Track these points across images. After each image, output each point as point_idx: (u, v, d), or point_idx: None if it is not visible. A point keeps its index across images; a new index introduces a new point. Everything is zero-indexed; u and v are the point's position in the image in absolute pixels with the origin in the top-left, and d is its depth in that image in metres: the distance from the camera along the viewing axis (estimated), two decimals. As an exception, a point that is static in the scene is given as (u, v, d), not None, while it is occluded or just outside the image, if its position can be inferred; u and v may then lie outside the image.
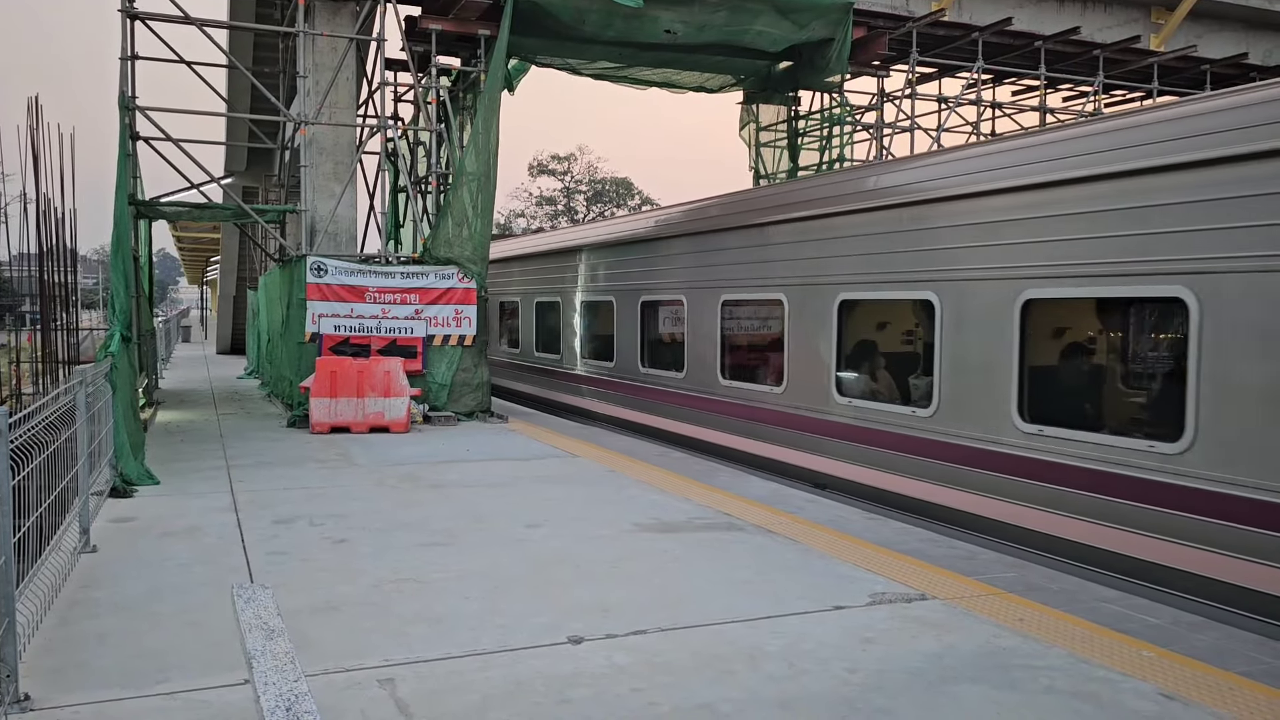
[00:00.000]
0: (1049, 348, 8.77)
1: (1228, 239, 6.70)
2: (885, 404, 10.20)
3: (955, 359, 9.14)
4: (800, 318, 11.48)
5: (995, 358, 8.67)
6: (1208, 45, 21.81)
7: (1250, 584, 6.47)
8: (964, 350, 9.05)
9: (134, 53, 14.68)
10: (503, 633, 5.41)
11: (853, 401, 10.61)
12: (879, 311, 10.90)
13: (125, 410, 10.06)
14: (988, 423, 8.73)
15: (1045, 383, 8.54)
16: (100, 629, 5.46)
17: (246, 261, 33.67)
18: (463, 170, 15.27)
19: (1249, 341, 6.62)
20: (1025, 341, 8.51)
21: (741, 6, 16.84)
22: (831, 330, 10.90)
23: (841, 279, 10.85)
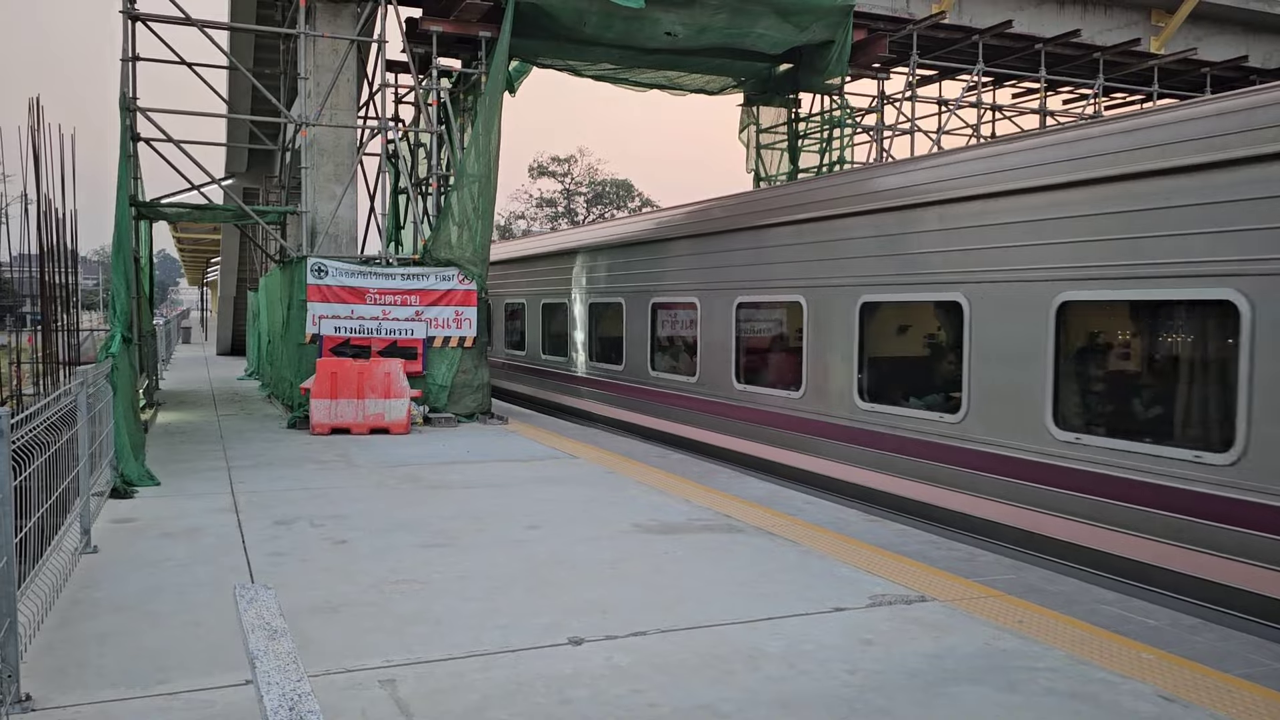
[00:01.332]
0: None
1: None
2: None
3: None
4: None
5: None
6: (1208, 48, 21.83)
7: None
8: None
9: (135, 54, 14.70)
10: (503, 633, 5.43)
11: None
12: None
13: (126, 411, 10.07)
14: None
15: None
16: (101, 629, 5.47)
17: (247, 263, 33.68)
18: (463, 172, 15.28)
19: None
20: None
21: (742, 9, 16.86)
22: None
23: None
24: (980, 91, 21.43)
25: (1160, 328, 7.90)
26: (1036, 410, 8.34)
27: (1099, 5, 20.89)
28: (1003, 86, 22.85)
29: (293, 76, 17.38)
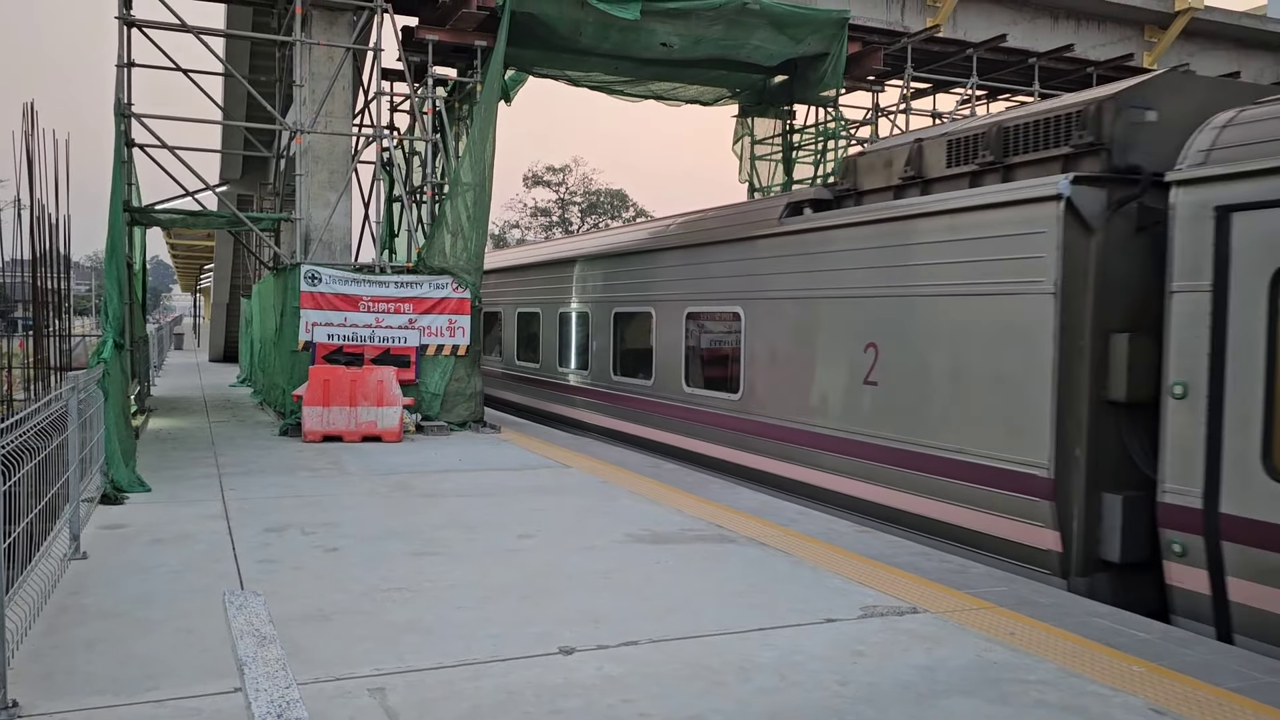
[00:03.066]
0: None
1: None
2: None
3: None
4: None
5: None
6: (1200, 64, 21.97)
7: None
8: None
9: (130, 60, 14.70)
10: (494, 642, 5.41)
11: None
12: None
13: (117, 417, 10.04)
14: None
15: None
16: (90, 635, 5.44)
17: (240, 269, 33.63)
18: (458, 180, 15.29)
19: None
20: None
21: (738, 21, 16.92)
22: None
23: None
24: (974, 105, 21.51)
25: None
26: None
27: (1093, 20, 21.02)
28: (997, 100, 22.95)
29: (288, 83, 17.38)
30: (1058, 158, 8.52)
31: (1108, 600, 7.22)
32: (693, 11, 16.50)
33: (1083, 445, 7.74)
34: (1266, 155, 6.63)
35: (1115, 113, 8.08)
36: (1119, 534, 7.60)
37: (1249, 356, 6.61)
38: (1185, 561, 6.94)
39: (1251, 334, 6.60)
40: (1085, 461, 7.73)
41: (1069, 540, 7.79)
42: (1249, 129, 7.00)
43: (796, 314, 11.20)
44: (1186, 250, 7.07)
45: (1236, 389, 6.68)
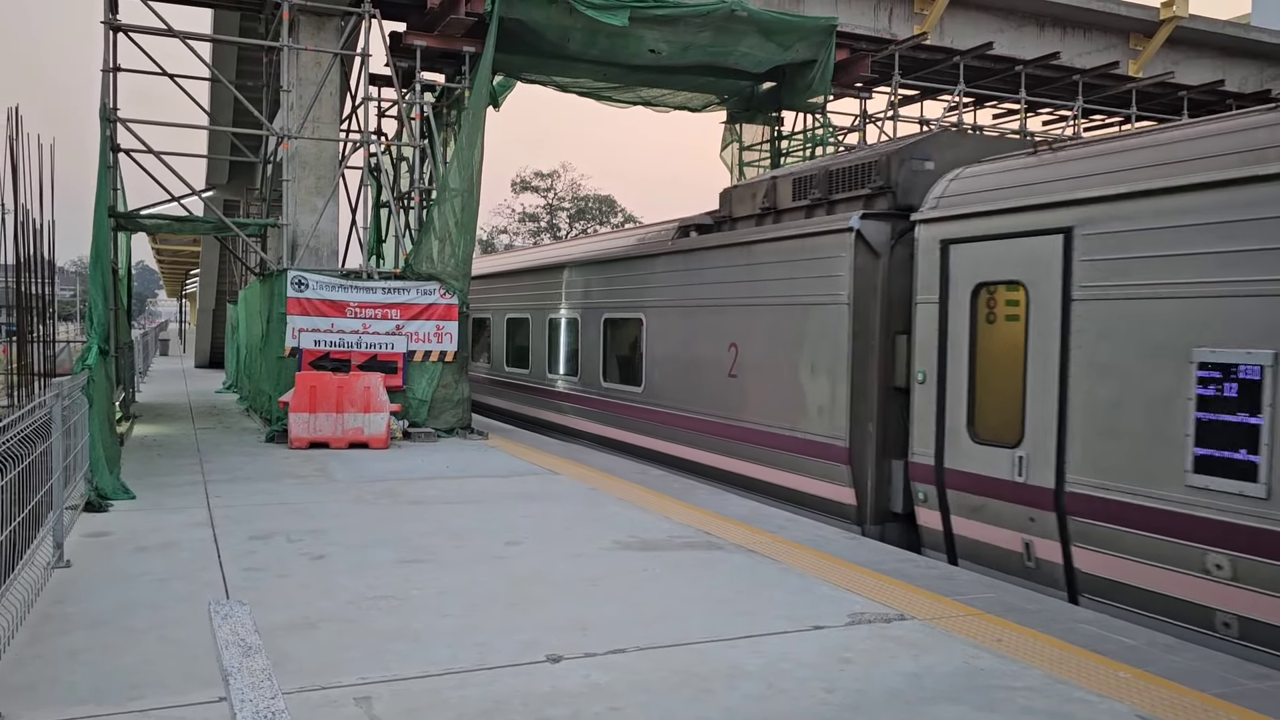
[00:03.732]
0: None
1: None
2: None
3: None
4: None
5: None
6: (1185, 72, 22.13)
7: None
8: None
9: (116, 65, 14.64)
10: (481, 651, 5.39)
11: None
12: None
13: (101, 424, 9.97)
14: None
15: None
16: (73, 645, 5.39)
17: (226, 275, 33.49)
18: (445, 186, 15.26)
19: None
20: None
21: (726, 28, 16.97)
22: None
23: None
24: (961, 112, 21.61)
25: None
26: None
27: (1078, 28, 21.15)
28: (984, 107, 23.07)
29: (275, 89, 17.34)
30: (861, 197, 10.51)
31: (895, 543, 8.95)
32: (681, 18, 16.54)
33: (873, 422, 9.78)
34: (970, 204, 8.72)
35: (899, 163, 10.03)
36: (901, 491, 9.60)
37: (959, 351, 8.74)
38: (926, 506, 9.13)
39: (960, 334, 8.74)
40: (875, 435, 9.78)
41: (863, 496, 9.89)
42: (965, 183, 9.05)
43: (682, 320, 13.21)
44: (924, 272, 9.19)
45: (952, 375, 8.79)
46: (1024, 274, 8.16)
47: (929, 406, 9.01)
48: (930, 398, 9.00)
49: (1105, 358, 7.39)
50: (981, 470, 8.44)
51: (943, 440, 8.85)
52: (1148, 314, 7.11)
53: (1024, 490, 8.01)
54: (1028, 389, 8.03)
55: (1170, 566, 6.85)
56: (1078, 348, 7.61)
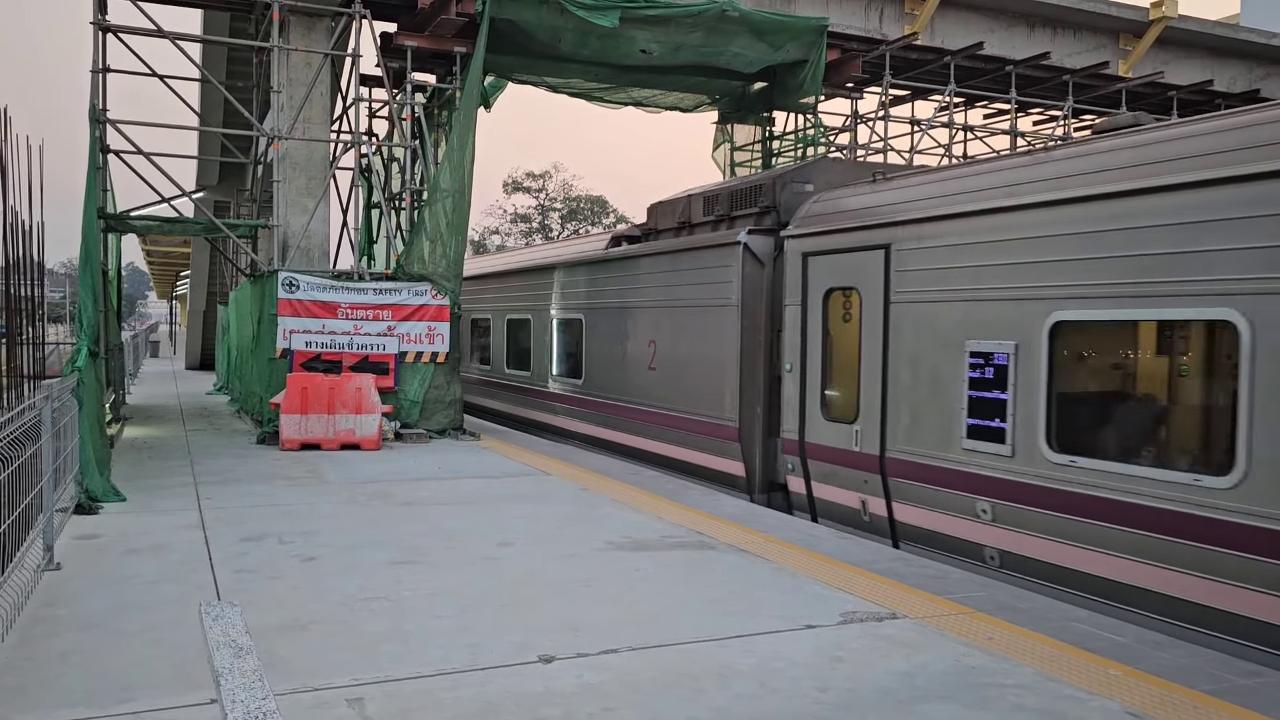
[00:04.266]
0: None
1: None
2: None
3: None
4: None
5: None
6: (1174, 72, 22.21)
7: None
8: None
9: (106, 66, 14.58)
10: (473, 651, 5.38)
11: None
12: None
13: (91, 426, 9.94)
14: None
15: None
16: (63, 647, 5.38)
17: (217, 276, 33.41)
18: (437, 187, 15.25)
19: None
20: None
21: (717, 28, 16.97)
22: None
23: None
24: (952, 112, 21.66)
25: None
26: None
27: (1069, 28, 21.21)
28: (974, 107, 23.13)
29: (265, 89, 17.30)
30: (752, 214, 12.07)
31: (780, 509, 10.57)
32: (672, 19, 16.54)
33: (760, 406, 11.50)
34: (823, 223, 10.51)
35: (783, 186, 11.68)
36: (807, 473, 10.82)
37: (815, 345, 10.58)
38: (794, 475, 10.91)
39: (815, 331, 10.54)
40: (761, 417, 11.50)
41: (751, 469, 11.63)
42: (822, 205, 10.84)
43: (613, 320, 14.85)
44: (790, 279, 10.98)
45: (810, 365, 10.62)
46: (858, 281, 9.95)
47: (795, 392, 10.89)
48: (796, 384, 10.88)
49: (911, 349, 9.21)
50: (831, 443, 10.30)
51: (804, 419, 10.71)
52: (939, 314, 8.90)
53: (859, 458, 9.85)
54: (861, 375, 9.86)
55: (954, 513, 8.64)
56: (894, 342, 9.44)
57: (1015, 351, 8.04)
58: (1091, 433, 7.68)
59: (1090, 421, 7.78)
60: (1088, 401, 7.85)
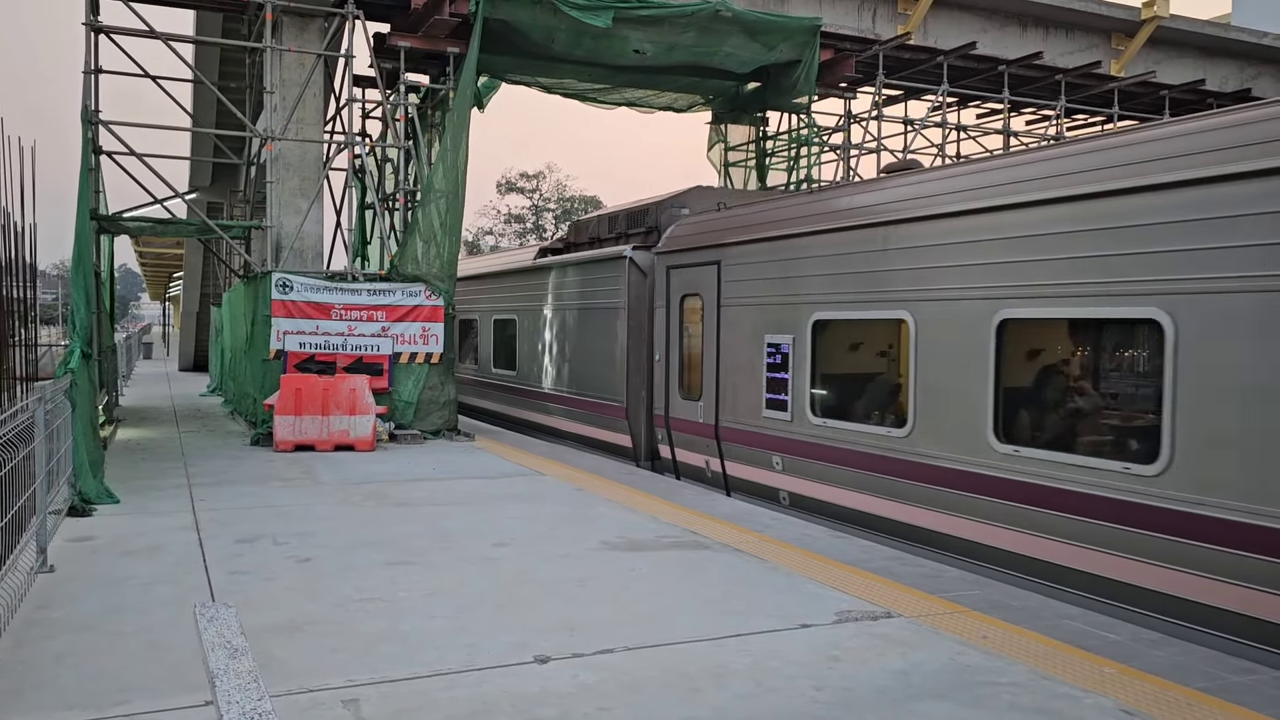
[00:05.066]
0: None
1: None
2: None
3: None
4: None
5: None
6: (1166, 71, 22.28)
7: None
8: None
9: (98, 66, 14.54)
10: (469, 652, 5.38)
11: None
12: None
13: (84, 427, 9.91)
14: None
15: None
16: (58, 649, 5.36)
17: (210, 277, 33.31)
18: (430, 187, 15.23)
19: None
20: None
21: (710, 28, 16.98)
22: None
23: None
24: (945, 112, 21.70)
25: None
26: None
27: (1061, 28, 21.27)
28: (967, 107, 23.17)
29: (258, 90, 17.27)
30: (639, 233, 14.75)
31: (660, 472, 13.02)
32: (665, 19, 16.55)
33: (644, 390, 13.87)
34: (680, 243, 12.94)
35: (662, 210, 14.20)
36: (671, 441, 13.20)
37: (675, 339, 13.05)
38: (664, 444, 13.34)
39: (675, 328, 13.05)
40: (645, 399, 13.85)
41: (637, 441, 14.07)
42: (682, 228, 13.23)
43: (538, 319, 17.30)
44: (659, 286, 13.47)
45: (673, 355, 13.05)
46: (701, 289, 12.47)
47: (663, 376, 13.37)
48: (664, 371, 13.34)
49: (734, 342, 11.71)
50: (687, 417, 12.78)
51: (669, 399, 13.19)
52: (749, 315, 11.44)
53: (703, 428, 12.36)
54: (704, 363, 12.34)
55: (760, 466, 11.15)
56: (723, 336, 11.91)
57: (793, 343, 10.65)
58: (838, 402, 10.21)
59: (838, 394, 10.29)
60: (839, 379, 10.45)
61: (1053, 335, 8.14)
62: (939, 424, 8.58)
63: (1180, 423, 6.56)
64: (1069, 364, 8.18)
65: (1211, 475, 6.38)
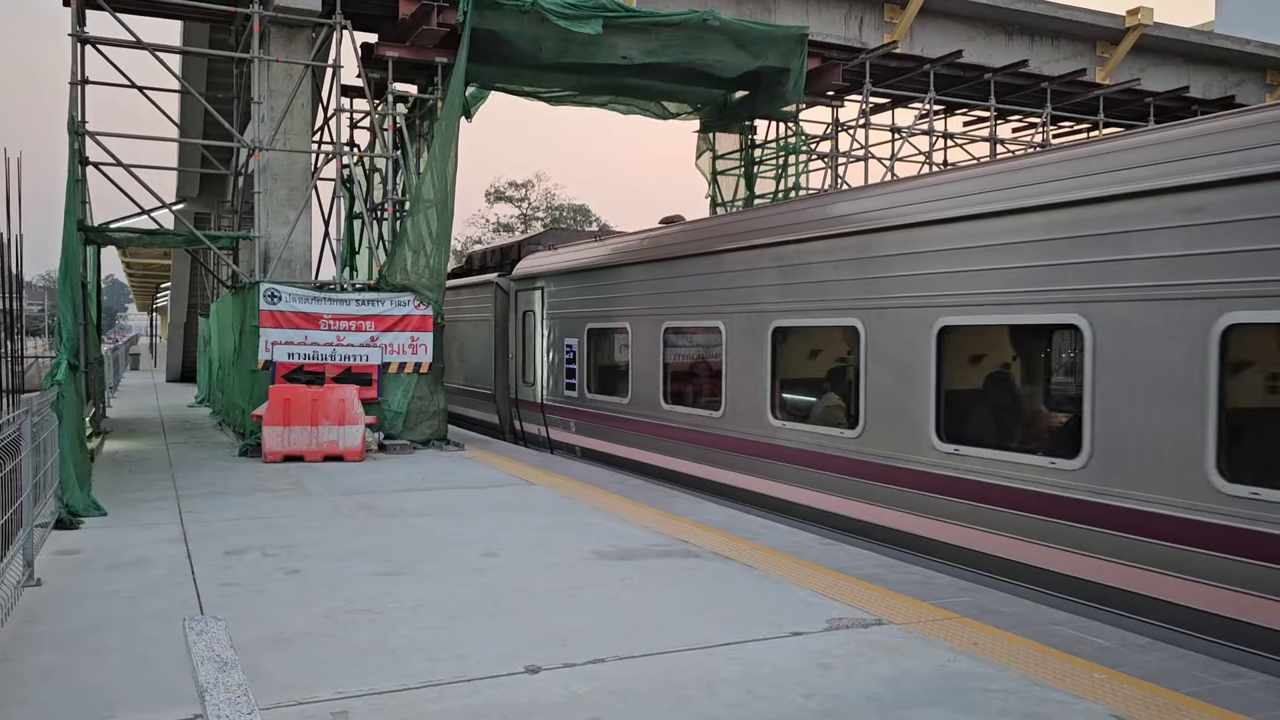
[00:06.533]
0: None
1: None
2: None
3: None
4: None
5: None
6: (1151, 79, 22.43)
7: None
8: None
9: (84, 77, 14.50)
10: (459, 663, 5.37)
11: None
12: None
13: (71, 440, 9.86)
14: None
15: None
16: (44, 665, 5.33)
17: (198, 288, 33.22)
18: (419, 197, 15.22)
19: None
20: None
21: (698, 37, 17.04)
22: None
23: None
24: (932, 119, 21.80)
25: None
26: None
27: (1046, 36, 21.41)
28: (954, 114, 23.27)
29: (246, 100, 17.24)
30: (509, 264, 18.88)
31: (523, 444, 17.14)
32: (653, 28, 16.60)
33: (506, 379, 18.33)
34: (522, 273, 17.55)
35: (524, 246, 18.98)
36: (519, 417, 17.87)
37: (518, 343, 17.68)
38: (514, 419, 17.86)
39: (519, 335, 17.62)
40: (506, 385, 18.36)
41: (503, 419, 18.55)
42: (526, 262, 17.77)
43: (451, 328, 19.02)
44: (512, 304, 18.10)
45: (523, 354, 17.47)
46: (533, 307, 17.09)
47: (515, 369, 17.97)
48: (516, 366, 17.94)
49: (552, 343, 16.27)
50: (527, 398, 17.44)
51: (518, 385, 17.87)
52: (559, 324, 16.08)
53: (536, 405, 17.01)
54: (538, 358, 16.91)
55: (566, 430, 15.78)
56: (547, 339, 16.53)
57: (578, 344, 15.37)
58: (600, 384, 14.81)
59: (600, 379, 14.87)
60: (603, 369, 14.80)
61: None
62: (640, 391, 13.46)
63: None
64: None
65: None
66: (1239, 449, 6.30)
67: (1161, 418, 6.59)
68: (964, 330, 8.34)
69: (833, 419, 10.00)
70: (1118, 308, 6.93)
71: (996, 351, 8.74)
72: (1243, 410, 6.43)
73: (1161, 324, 6.63)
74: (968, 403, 8.61)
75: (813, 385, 11.02)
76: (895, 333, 8.97)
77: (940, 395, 8.48)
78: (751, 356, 10.99)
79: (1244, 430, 6.38)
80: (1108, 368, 6.96)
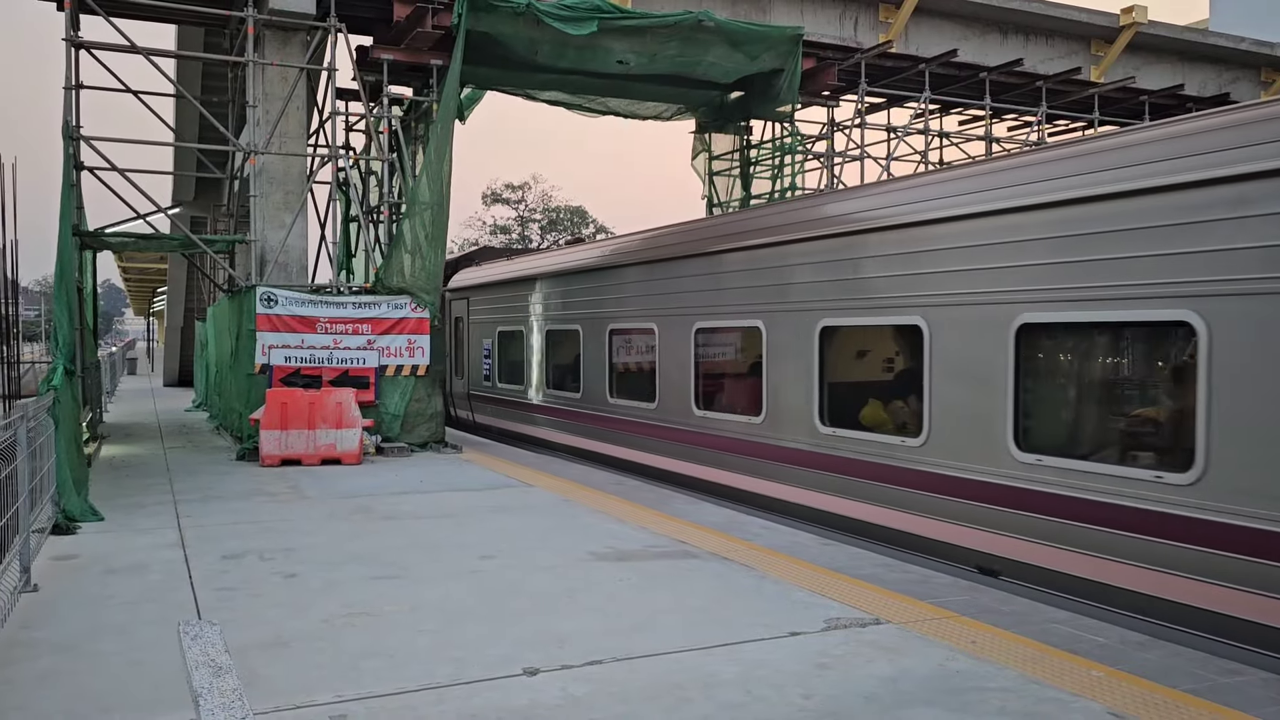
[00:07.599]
0: None
1: None
2: None
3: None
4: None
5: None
6: (1145, 77, 22.46)
7: None
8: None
9: (78, 82, 14.48)
10: (457, 665, 5.36)
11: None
12: None
13: (68, 445, 9.84)
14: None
15: None
16: (40, 670, 5.31)
17: (194, 292, 33.18)
18: (415, 199, 15.21)
19: None
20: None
21: (693, 38, 17.04)
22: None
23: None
24: (927, 119, 21.81)
25: None
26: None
27: (1041, 35, 21.42)
28: (949, 114, 23.29)
29: (241, 104, 17.23)
30: (450, 276, 21.10)
31: (465, 430, 19.80)
32: (648, 29, 16.60)
33: (445, 373, 19.91)
34: (455, 286, 21.27)
35: (462, 262, 22.11)
36: (454, 405, 21.28)
37: (455, 343, 21.46)
38: (453, 408, 21.21)
39: (455, 336, 21.60)
40: (446, 379, 20.08)
41: (447, 407, 19.35)
42: (459, 275, 21.44)
43: None
44: (449, 312, 20.96)
45: (459, 354, 21.24)
46: (462, 315, 20.61)
47: (450, 365, 20.68)
48: (450, 362, 20.61)
49: (475, 343, 19.74)
50: (460, 390, 20.78)
51: (452, 379, 21.01)
52: (480, 328, 19.64)
53: (465, 395, 20.42)
54: (467, 357, 20.45)
55: (490, 416, 19.25)
56: (471, 340, 20.07)
57: (491, 344, 19.04)
58: (507, 372, 18.21)
59: (508, 372, 18.24)
60: (508, 361, 18.13)
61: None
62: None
63: None
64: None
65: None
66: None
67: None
68: None
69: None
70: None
71: None
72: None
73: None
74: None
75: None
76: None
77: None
78: (598, 354, 14.73)
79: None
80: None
